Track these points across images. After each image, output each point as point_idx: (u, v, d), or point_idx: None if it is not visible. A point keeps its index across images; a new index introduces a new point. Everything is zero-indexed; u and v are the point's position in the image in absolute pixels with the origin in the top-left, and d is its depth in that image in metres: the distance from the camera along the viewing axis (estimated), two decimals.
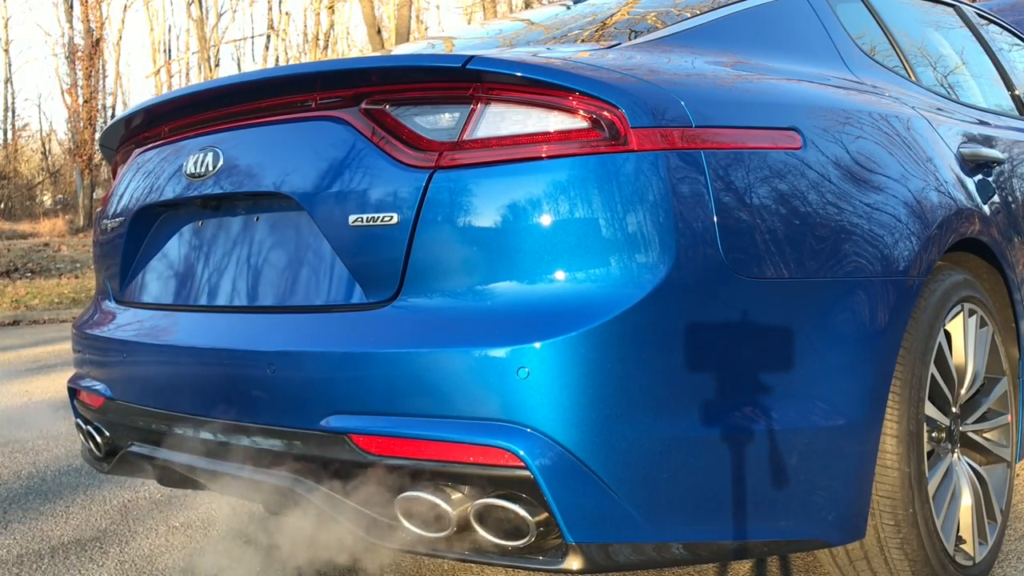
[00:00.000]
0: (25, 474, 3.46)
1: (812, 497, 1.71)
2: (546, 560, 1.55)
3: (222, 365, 1.82)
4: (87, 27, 22.87)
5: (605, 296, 1.52)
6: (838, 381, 1.74)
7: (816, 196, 1.76)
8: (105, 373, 2.15)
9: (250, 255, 1.92)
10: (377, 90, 1.73)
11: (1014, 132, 2.83)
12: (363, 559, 2.37)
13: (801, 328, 1.70)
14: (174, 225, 2.13)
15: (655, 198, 1.55)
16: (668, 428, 1.54)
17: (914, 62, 2.63)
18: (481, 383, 1.50)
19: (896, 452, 1.84)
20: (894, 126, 2.07)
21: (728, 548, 1.65)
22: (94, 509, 3.00)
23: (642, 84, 1.64)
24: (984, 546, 2.14)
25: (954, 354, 2.11)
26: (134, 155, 2.28)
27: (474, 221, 1.59)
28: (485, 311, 1.56)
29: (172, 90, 3.51)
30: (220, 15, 29.30)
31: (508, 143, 1.59)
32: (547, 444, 1.48)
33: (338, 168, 1.72)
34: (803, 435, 1.68)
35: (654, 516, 1.55)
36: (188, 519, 2.85)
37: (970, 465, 2.15)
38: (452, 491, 1.57)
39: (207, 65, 24.43)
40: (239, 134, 1.94)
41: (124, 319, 2.18)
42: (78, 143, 22.56)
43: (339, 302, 1.72)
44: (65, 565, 2.49)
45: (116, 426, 2.11)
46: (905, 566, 1.88)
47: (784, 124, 1.78)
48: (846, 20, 2.40)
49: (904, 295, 1.87)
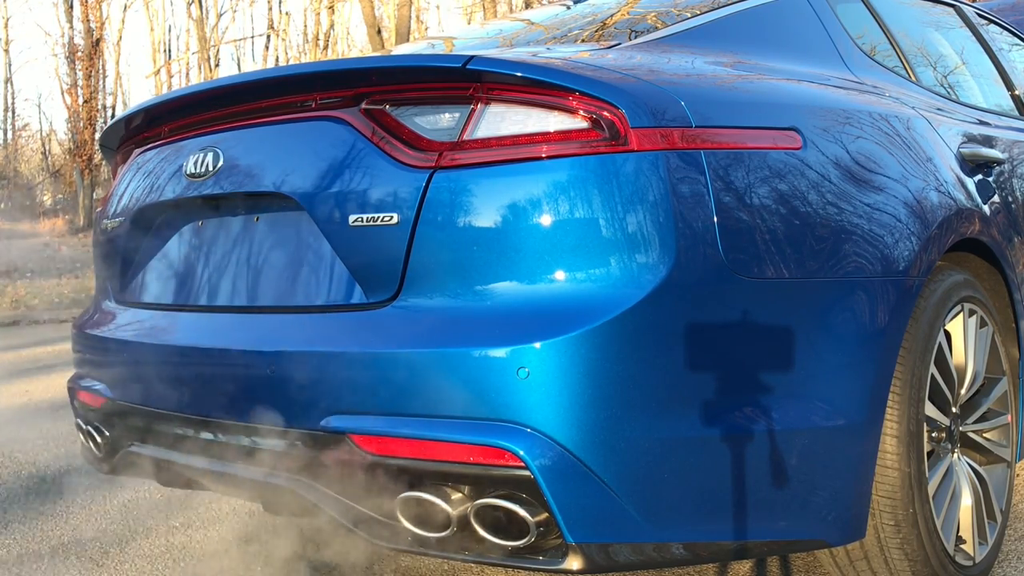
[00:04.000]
0: (25, 474, 3.46)
1: (812, 497, 1.71)
2: (546, 560, 1.55)
3: (222, 365, 1.82)
4: (87, 27, 22.86)
5: (605, 296, 1.52)
6: (838, 381, 1.74)
7: (816, 196, 1.76)
8: (105, 373, 2.15)
9: (250, 255, 1.92)
10: (377, 90, 1.73)
11: (1014, 132, 2.83)
12: (363, 559, 2.38)
13: (801, 328, 1.70)
14: (174, 225, 2.13)
15: (655, 198, 1.55)
16: (668, 428, 1.54)
17: (914, 62, 2.63)
18: (481, 383, 1.50)
19: (896, 452, 1.84)
20: (894, 126, 2.07)
21: (728, 548, 1.65)
22: (94, 509, 3.00)
23: (642, 84, 1.64)
24: (984, 546, 2.14)
25: (954, 354, 2.11)
26: (134, 155, 2.28)
27: (474, 221, 1.59)
28: (485, 311, 1.56)
29: (172, 90, 3.51)
30: (220, 15, 29.29)
31: (508, 143, 1.59)
32: (547, 444, 1.48)
33: (338, 168, 1.72)
34: (803, 435, 1.68)
35: (654, 516, 1.55)
36: (188, 519, 2.85)
37: (970, 465, 2.15)
38: (452, 491, 1.57)
39: (207, 65, 24.42)
40: (239, 134, 1.94)
41: (124, 319, 2.18)
42: (78, 143, 22.55)
43: (339, 302, 1.72)
44: (65, 565, 2.49)
45: (116, 426, 2.11)
46: (905, 566, 1.88)
47: (784, 124, 1.78)
48: (846, 20, 2.40)
49: (904, 295, 1.87)
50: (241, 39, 30.91)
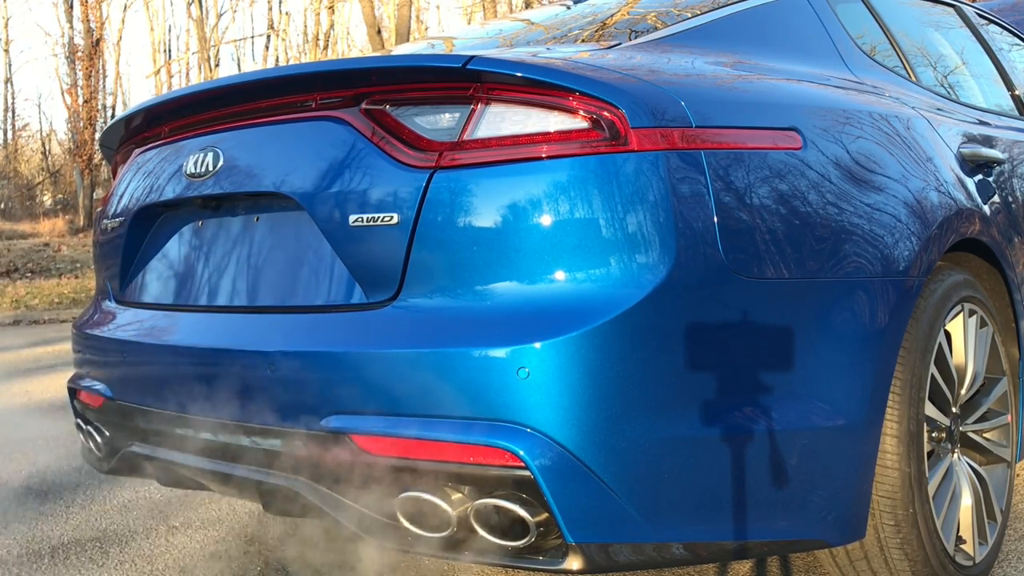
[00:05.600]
0: (25, 474, 3.46)
1: (812, 497, 1.71)
2: (546, 560, 1.55)
3: (222, 365, 1.82)
4: (87, 27, 22.86)
5: (605, 296, 1.52)
6: (838, 381, 1.74)
7: (816, 196, 1.76)
8: (105, 373, 2.15)
9: (250, 255, 1.92)
10: (377, 90, 1.73)
11: (1014, 132, 2.83)
12: (363, 559, 2.37)
13: (801, 328, 1.70)
14: (174, 225, 2.13)
15: (655, 198, 1.55)
16: (668, 428, 1.54)
17: (914, 62, 2.63)
18: (481, 383, 1.50)
19: (896, 452, 1.84)
20: (894, 126, 2.07)
21: (728, 548, 1.65)
22: (94, 509, 3.00)
23: (642, 84, 1.64)
24: (984, 546, 2.14)
25: (954, 354, 2.11)
26: (134, 155, 2.28)
27: (474, 221, 1.59)
28: (485, 311, 1.56)
29: (172, 90, 3.51)
30: (220, 15, 29.30)
31: (508, 143, 1.59)
32: (547, 444, 1.48)
33: (338, 168, 1.72)
34: (803, 435, 1.68)
35: (654, 516, 1.55)
36: (188, 519, 2.85)
37: (970, 465, 2.15)
38: (452, 491, 1.57)
39: (207, 65, 24.41)
40: (239, 134, 1.94)
41: (124, 319, 2.18)
42: (78, 143, 22.54)
43: (339, 302, 1.72)
44: (65, 565, 2.49)
45: (116, 426, 2.11)
46: (905, 566, 1.88)
47: (784, 124, 1.78)
48: (846, 20, 2.40)
49: (904, 295, 1.87)
50: (241, 39, 30.93)
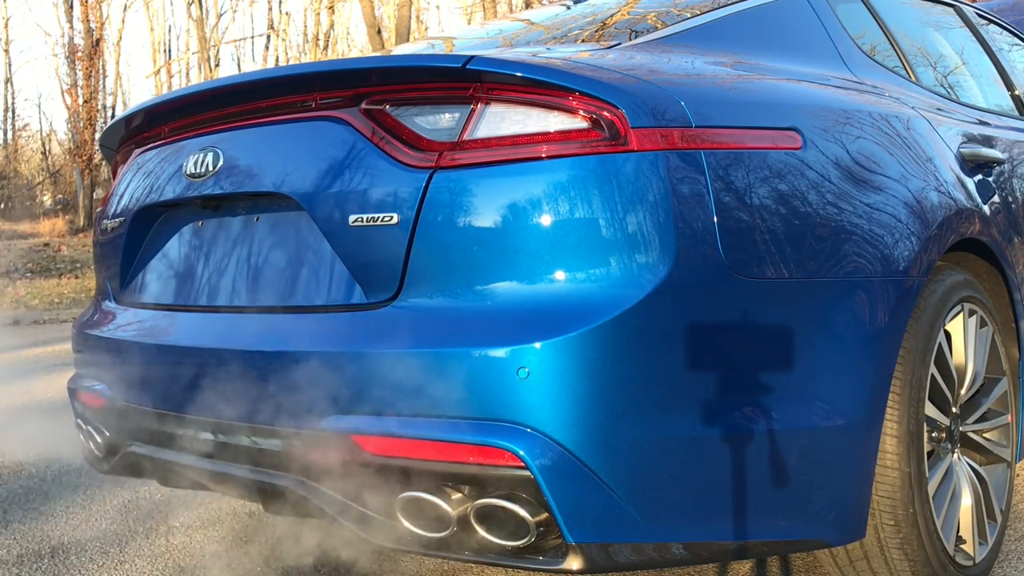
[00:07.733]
0: (25, 474, 3.46)
1: (812, 497, 1.71)
2: (546, 560, 1.55)
3: (222, 365, 1.82)
4: (87, 27, 22.85)
5: (605, 296, 1.52)
6: (838, 381, 1.74)
7: (816, 196, 1.76)
8: (105, 373, 2.15)
9: (250, 255, 1.92)
10: (377, 90, 1.73)
11: (1014, 132, 2.83)
12: (363, 559, 2.38)
13: (801, 328, 1.70)
14: (174, 225, 2.13)
15: (655, 198, 1.55)
16: (668, 428, 1.54)
17: (914, 62, 2.63)
18: (481, 383, 1.50)
19: (896, 452, 1.84)
20: (894, 126, 2.07)
21: (728, 548, 1.65)
22: (94, 509, 3.00)
23: (642, 84, 1.64)
24: (984, 546, 2.14)
25: (954, 354, 2.11)
26: (134, 155, 2.28)
27: (474, 221, 1.59)
28: (485, 311, 1.56)
29: (172, 90, 3.51)
30: (220, 15, 29.29)
31: (508, 143, 1.59)
32: (547, 444, 1.48)
33: (338, 168, 1.72)
34: (803, 435, 1.68)
35: (654, 516, 1.55)
36: (188, 519, 2.85)
37: (970, 465, 2.15)
38: (452, 491, 1.57)
39: (207, 65, 24.41)
40: (239, 134, 1.94)
41: (124, 319, 2.18)
42: (78, 143, 22.54)
43: (339, 302, 1.72)
44: (65, 565, 2.49)
45: (116, 426, 2.11)
46: (905, 566, 1.88)
47: (784, 124, 1.78)
48: (846, 20, 2.40)
49: (904, 295, 1.87)
50: (241, 39, 30.92)
